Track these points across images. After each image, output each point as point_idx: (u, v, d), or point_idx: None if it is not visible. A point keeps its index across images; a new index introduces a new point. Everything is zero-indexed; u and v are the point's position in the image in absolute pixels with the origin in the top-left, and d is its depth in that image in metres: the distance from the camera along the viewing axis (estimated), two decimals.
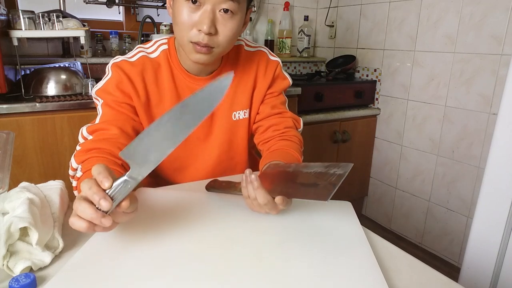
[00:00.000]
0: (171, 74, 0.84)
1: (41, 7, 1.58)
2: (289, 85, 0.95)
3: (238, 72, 0.88)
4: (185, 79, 0.84)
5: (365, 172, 2.32)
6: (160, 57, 0.84)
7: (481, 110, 1.72)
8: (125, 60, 0.82)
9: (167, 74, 0.83)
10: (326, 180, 0.57)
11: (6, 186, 0.59)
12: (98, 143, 0.75)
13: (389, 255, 0.59)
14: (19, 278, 0.46)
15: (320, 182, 0.57)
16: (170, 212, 0.67)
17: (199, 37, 0.71)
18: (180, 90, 0.85)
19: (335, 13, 2.47)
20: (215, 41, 0.73)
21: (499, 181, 1.05)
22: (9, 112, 1.33)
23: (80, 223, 0.49)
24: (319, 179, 0.58)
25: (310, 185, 0.59)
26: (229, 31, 0.73)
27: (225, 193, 0.74)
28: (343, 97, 2.13)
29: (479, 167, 1.75)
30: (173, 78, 0.84)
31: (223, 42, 0.74)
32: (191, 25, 0.71)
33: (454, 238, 1.90)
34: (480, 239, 1.11)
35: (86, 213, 0.48)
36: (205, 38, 0.71)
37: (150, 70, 0.82)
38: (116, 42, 1.97)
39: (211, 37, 0.72)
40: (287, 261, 0.53)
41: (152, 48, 0.85)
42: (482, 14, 1.66)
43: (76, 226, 0.49)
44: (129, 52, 0.85)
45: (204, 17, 0.70)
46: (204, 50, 0.73)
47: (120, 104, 0.79)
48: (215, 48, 0.74)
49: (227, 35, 0.73)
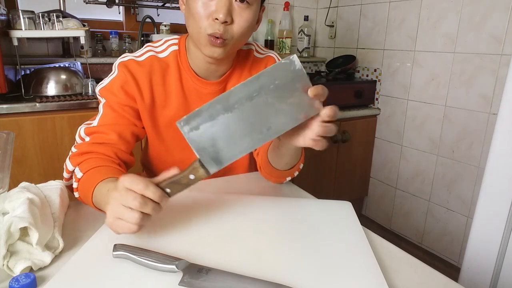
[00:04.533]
0: (179, 76, 0.82)
1: (41, 7, 1.58)
2: None
3: (245, 76, 0.86)
4: (194, 82, 0.83)
5: (365, 172, 2.32)
6: (169, 58, 0.82)
7: (481, 110, 1.72)
8: (132, 59, 0.80)
9: (175, 76, 0.82)
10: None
11: (6, 186, 0.59)
12: (93, 147, 0.74)
13: (389, 255, 0.59)
14: (19, 278, 0.46)
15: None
16: (171, 212, 0.67)
17: (215, 27, 0.70)
18: (187, 93, 0.83)
19: (335, 13, 2.47)
20: (229, 31, 0.72)
21: (499, 181, 1.05)
22: (9, 112, 1.33)
23: (136, 215, 0.50)
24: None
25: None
26: (245, 21, 0.72)
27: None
28: (343, 97, 2.13)
29: (479, 167, 1.75)
30: (181, 80, 0.82)
31: (238, 32, 0.72)
32: (207, 15, 0.70)
33: (454, 238, 1.90)
34: (480, 239, 1.11)
35: (148, 207, 0.51)
36: (221, 27, 0.70)
37: (158, 71, 0.81)
38: (116, 42, 1.97)
39: (226, 27, 0.71)
40: (287, 261, 0.53)
41: (162, 48, 0.83)
42: (482, 14, 1.66)
43: (128, 217, 0.51)
44: (137, 50, 0.83)
45: (221, 5, 0.69)
46: (218, 43, 0.71)
47: (122, 107, 0.78)
48: (228, 40, 0.72)
49: (242, 26, 0.72)
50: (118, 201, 0.52)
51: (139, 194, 0.51)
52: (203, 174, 0.55)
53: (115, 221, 0.52)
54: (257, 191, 0.81)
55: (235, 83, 0.85)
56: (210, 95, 0.83)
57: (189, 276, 0.48)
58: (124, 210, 0.51)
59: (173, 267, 0.49)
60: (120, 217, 0.52)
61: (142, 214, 0.51)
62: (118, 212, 0.52)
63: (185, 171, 0.55)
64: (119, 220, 0.52)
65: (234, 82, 0.85)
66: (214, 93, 0.84)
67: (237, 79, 0.85)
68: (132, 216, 0.51)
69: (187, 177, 0.55)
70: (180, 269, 0.49)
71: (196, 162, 0.55)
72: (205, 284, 0.47)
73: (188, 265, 0.50)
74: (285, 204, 0.72)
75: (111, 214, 0.52)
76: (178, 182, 0.55)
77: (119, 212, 0.51)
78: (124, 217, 0.51)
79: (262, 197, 0.76)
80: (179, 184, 0.55)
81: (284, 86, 0.54)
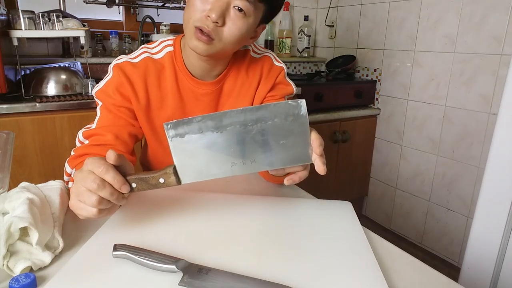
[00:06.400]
0: (174, 77, 0.82)
1: (41, 7, 1.58)
2: (292, 92, 0.92)
3: (242, 77, 0.86)
4: (189, 82, 0.82)
5: (365, 172, 2.32)
6: (165, 59, 0.82)
7: (481, 110, 1.72)
8: (127, 61, 0.80)
9: (170, 77, 0.82)
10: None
11: (6, 186, 0.59)
12: (91, 149, 0.75)
13: (389, 255, 0.59)
14: (19, 278, 0.46)
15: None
16: (171, 212, 0.67)
17: (205, 23, 0.69)
18: (183, 94, 0.83)
19: (335, 13, 2.47)
20: (218, 32, 0.71)
21: (499, 181, 1.05)
22: (9, 112, 1.33)
23: (93, 197, 0.50)
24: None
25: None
26: (237, 29, 0.71)
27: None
28: (343, 97, 2.13)
29: (479, 167, 1.75)
30: (177, 81, 0.82)
31: (227, 37, 0.72)
32: (202, 10, 0.69)
33: (454, 238, 1.90)
34: (480, 239, 1.11)
35: (106, 191, 0.51)
36: (210, 25, 0.69)
37: (153, 73, 0.81)
38: (116, 42, 1.97)
39: (216, 27, 0.70)
40: (287, 261, 0.53)
41: (157, 49, 0.83)
42: (482, 14, 1.66)
43: (86, 199, 0.51)
44: (133, 52, 0.83)
45: (217, 5, 0.68)
46: (204, 39, 0.70)
47: (118, 108, 0.78)
48: (215, 41, 0.71)
49: (233, 33, 0.72)
50: (79, 182, 0.52)
51: (98, 177, 0.51)
52: (174, 181, 0.55)
53: (75, 203, 0.53)
54: (257, 191, 0.81)
55: (231, 83, 0.85)
56: (206, 95, 0.83)
57: (189, 276, 0.48)
58: (83, 191, 0.51)
59: (173, 267, 0.49)
60: (79, 199, 0.52)
61: (100, 198, 0.51)
62: (78, 194, 0.52)
63: (157, 173, 0.54)
64: (79, 202, 0.52)
65: (230, 82, 0.85)
66: (210, 93, 0.84)
67: (233, 79, 0.85)
68: (90, 198, 0.51)
69: (156, 179, 0.54)
70: (180, 269, 0.49)
71: (170, 168, 0.54)
72: (205, 284, 0.47)
73: (188, 265, 0.50)
74: (285, 204, 0.72)
75: (73, 195, 0.53)
76: (146, 180, 0.54)
77: (79, 193, 0.52)
78: (83, 199, 0.51)
79: (262, 197, 0.75)
80: (147, 183, 0.55)
81: (282, 126, 0.53)
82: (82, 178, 0.52)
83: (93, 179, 0.51)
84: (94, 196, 0.51)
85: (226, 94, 0.86)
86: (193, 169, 0.54)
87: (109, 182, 0.52)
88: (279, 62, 0.90)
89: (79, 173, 0.53)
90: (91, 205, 0.51)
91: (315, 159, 0.56)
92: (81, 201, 0.52)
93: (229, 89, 0.86)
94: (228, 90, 0.86)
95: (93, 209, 0.52)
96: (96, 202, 0.51)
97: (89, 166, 0.52)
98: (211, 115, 0.52)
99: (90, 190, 0.51)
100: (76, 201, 0.52)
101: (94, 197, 0.51)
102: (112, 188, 0.52)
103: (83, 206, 0.52)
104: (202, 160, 0.54)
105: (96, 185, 0.50)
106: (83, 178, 0.51)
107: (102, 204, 0.52)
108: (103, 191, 0.51)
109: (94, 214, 0.52)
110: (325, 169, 0.56)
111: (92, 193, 0.51)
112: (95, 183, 0.50)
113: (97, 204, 0.51)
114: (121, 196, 0.54)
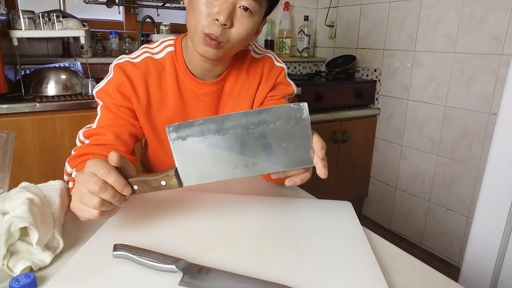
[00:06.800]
0: (175, 77, 0.82)
1: (41, 7, 1.58)
2: (293, 92, 0.92)
3: (242, 77, 0.86)
4: (190, 82, 0.82)
5: (365, 172, 2.32)
6: (166, 59, 0.82)
7: (481, 110, 1.72)
8: (128, 61, 0.80)
9: (171, 77, 0.82)
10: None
11: (6, 186, 0.59)
12: (91, 149, 0.75)
13: (389, 255, 0.59)
14: (19, 278, 0.46)
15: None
16: (171, 212, 0.67)
17: (213, 28, 0.69)
18: (184, 94, 0.83)
19: (335, 13, 2.47)
20: (226, 35, 0.71)
21: (499, 181, 1.05)
22: (9, 112, 1.33)
23: (95, 199, 0.50)
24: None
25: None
26: (244, 29, 0.72)
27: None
28: (343, 97, 2.13)
29: (479, 167, 1.75)
30: (178, 81, 0.82)
31: (235, 37, 0.72)
32: (208, 14, 0.69)
33: (454, 238, 1.90)
34: (480, 239, 1.11)
35: (108, 193, 0.51)
36: (218, 30, 0.69)
37: (154, 73, 0.81)
38: (116, 42, 1.97)
39: (224, 30, 0.70)
40: (287, 261, 0.53)
41: (158, 49, 0.83)
42: (482, 14, 1.66)
43: (88, 200, 0.51)
44: (133, 52, 0.83)
45: (224, 7, 0.68)
46: (213, 44, 0.71)
47: (119, 108, 0.78)
48: (223, 44, 0.72)
49: (241, 33, 0.72)
50: (81, 184, 0.52)
51: (101, 179, 0.51)
52: (175, 184, 0.55)
53: (77, 205, 0.53)
54: (257, 191, 0.81)
55: (232, 84, 0.85)
56: (207, 95, 0.83)
57: (189, 276, 0.48)
58: (85, 193, 0.51)
59: (173, 267, 0.49)
60: (81, 200, 0.52)
61: (102, 200, 0.51)
62: (80, 195, 0.52)
63: (159, 175, 0.54)
64: (81, 204, 0.52)
65: (231, 83, 0.85)
66: (211, 93, 0.84)
67: (234, 80, 0.85)
68: (91, 200, 0.51)
69: (158, 181, 0.55)
70: (180, 269, 0.49)
71: (172, 171, 0.54)
72: (205, 284, 0.47)
73: (188, 265, 0.50)
74: (285, 204, 0.72)
75: (75, 197, 0.53)
76: (148, 183, 0.55)
77: (81, 195, 0.52)
78: (85, 201, 0.51)
79: (262, 197, 0.76)
80: (149, 185, 0.55)
81: (283, 129, 0.53)
82: (84, 180, 0.52)
83: (95, 181, 0.51)
84: (96, 198, 0.51)
85: (227, 94, 0.86)
86: (195, 172, 0.54)
87: (111, 184, 0.52)
88: (280, 62, 0.90)
89: (80, 175, 0.53)
90: (93, 207, 0.51)
91: (317, 162, 0.56)
92: (83, 203, 0.52)
93: (230, 89, 0.86)
94: (229, 90, 0.86)
95: (95, 211, 0.52)
96: (97, 204, 0.51)
97: (91, 168, 0.52)
98: (213, 118, 0.52)
99: (92, 192, 0.51)
100: (78, 203, 0.53)
101: (96, 199, 0.51)
102: (114, 190, 0.52)
103: (84, 208, 0.52)
104: (203, 162, 0.54)
105: (98, 187, 0.50)
106: (85, 180, 0.51)
107: (103, 206, 0.52)
108: (105, 193, 0.51)
109: (96, 216, 0.52)
110: (326, 173, 0.57)
111: (94, 195, 0.51)
112: (97, 185, 0.50)
113: (98, 206, 0.51)
114: (122, 198, 0.54)
